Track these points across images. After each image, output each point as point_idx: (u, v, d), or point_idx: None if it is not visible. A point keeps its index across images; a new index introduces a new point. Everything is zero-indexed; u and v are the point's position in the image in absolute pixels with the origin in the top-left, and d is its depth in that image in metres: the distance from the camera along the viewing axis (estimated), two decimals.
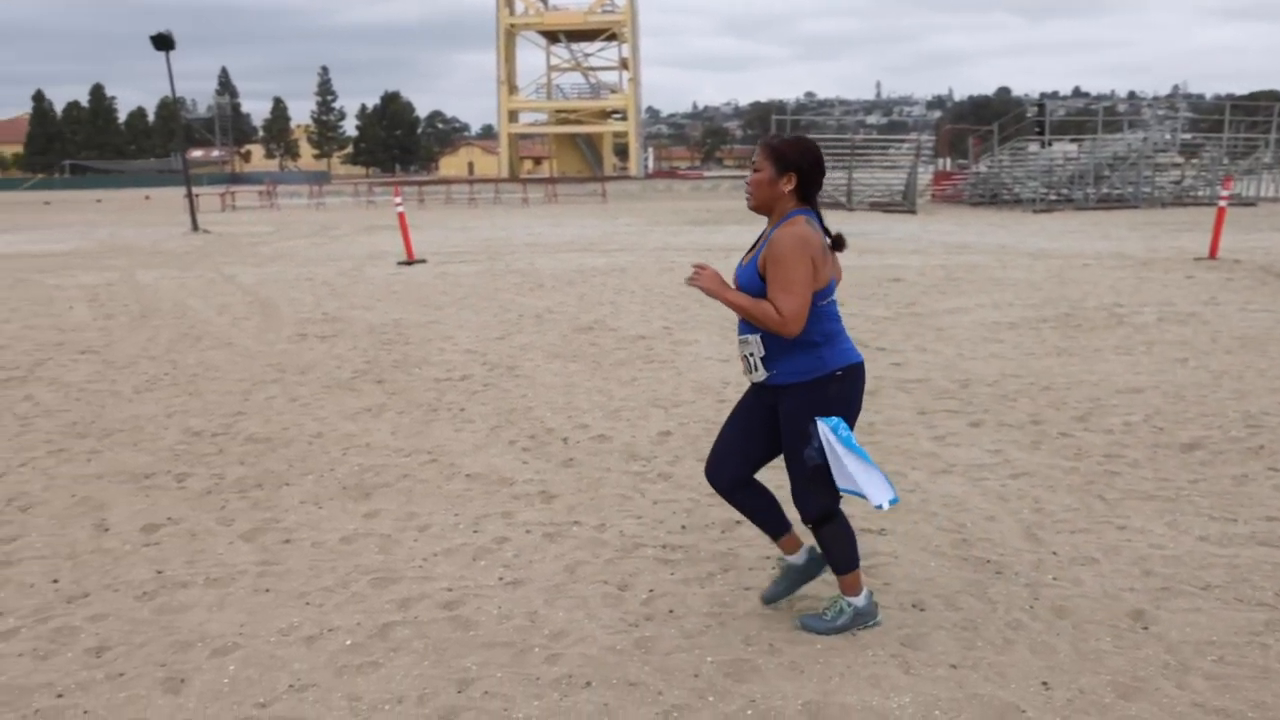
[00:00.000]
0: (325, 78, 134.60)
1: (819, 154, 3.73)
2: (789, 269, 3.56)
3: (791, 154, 3.68)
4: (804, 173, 3.68)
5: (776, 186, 3.70)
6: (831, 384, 3.75)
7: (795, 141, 3.73)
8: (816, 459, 3.78)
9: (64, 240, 27.48)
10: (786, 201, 3.72)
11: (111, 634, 4.09)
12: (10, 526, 5.32)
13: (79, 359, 9.92)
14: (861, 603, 3.98)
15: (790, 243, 3.58)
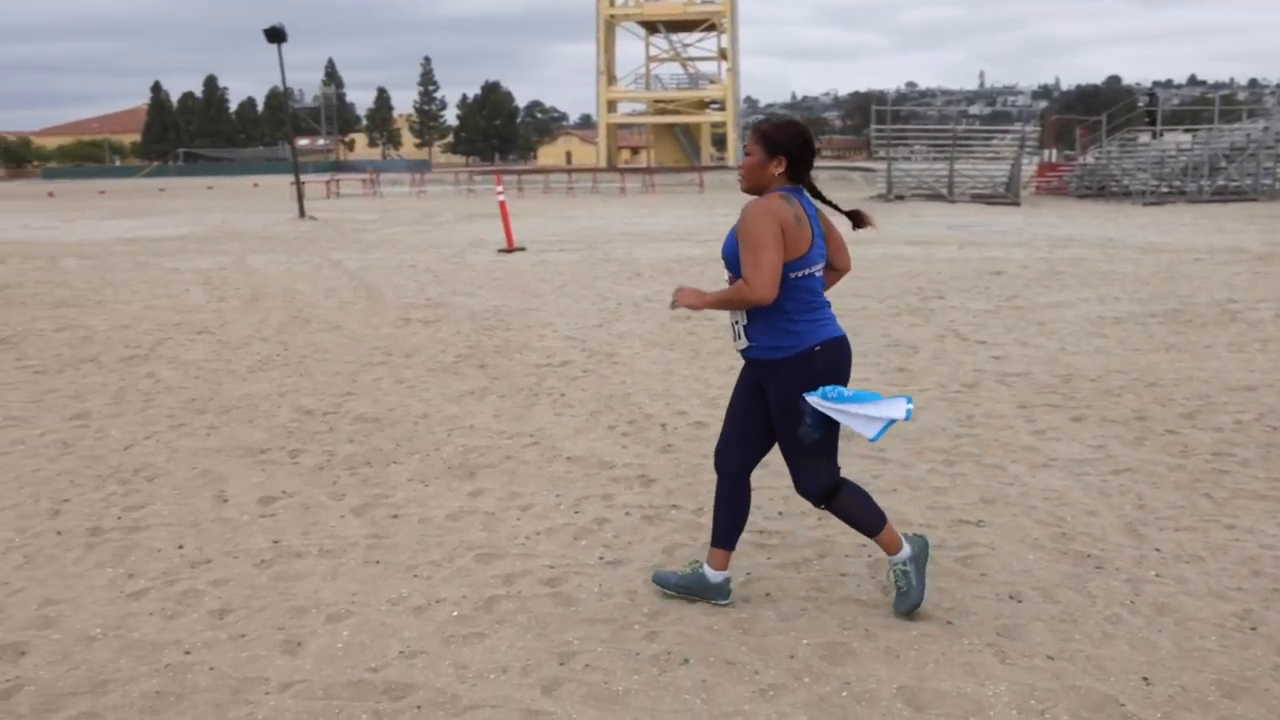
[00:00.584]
0: (427, 68, 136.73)
1: (808, 137, 3.81)
2: (754, 238, 3.65)
3: (781, 138, 3.76)
4: (793, 155, 3.76)
5: (767, 169, 3.78)
6: (815, 359, 3.80)
7: (784, 125, 3.82)
8: (813, 435, 3.84)
9: (179, 226, 28.46)
10: (777, 182, 3.80)
11: (233, 598, 4.30)
12: (138, 495, 5.61)
13: (196, 339, 10.33)
14: (904, 556, 3.99)
15: (753, 215, 3.67)
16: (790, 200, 3.75)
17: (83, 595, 4.38)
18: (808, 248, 3.75)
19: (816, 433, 3.84)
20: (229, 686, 3.60)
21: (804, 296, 3.79)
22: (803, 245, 3.73)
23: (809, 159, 3.80)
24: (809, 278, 3.80)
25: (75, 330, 11.11)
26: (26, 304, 13.35)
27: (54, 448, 6.60)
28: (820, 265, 3.86)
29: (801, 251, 3.74)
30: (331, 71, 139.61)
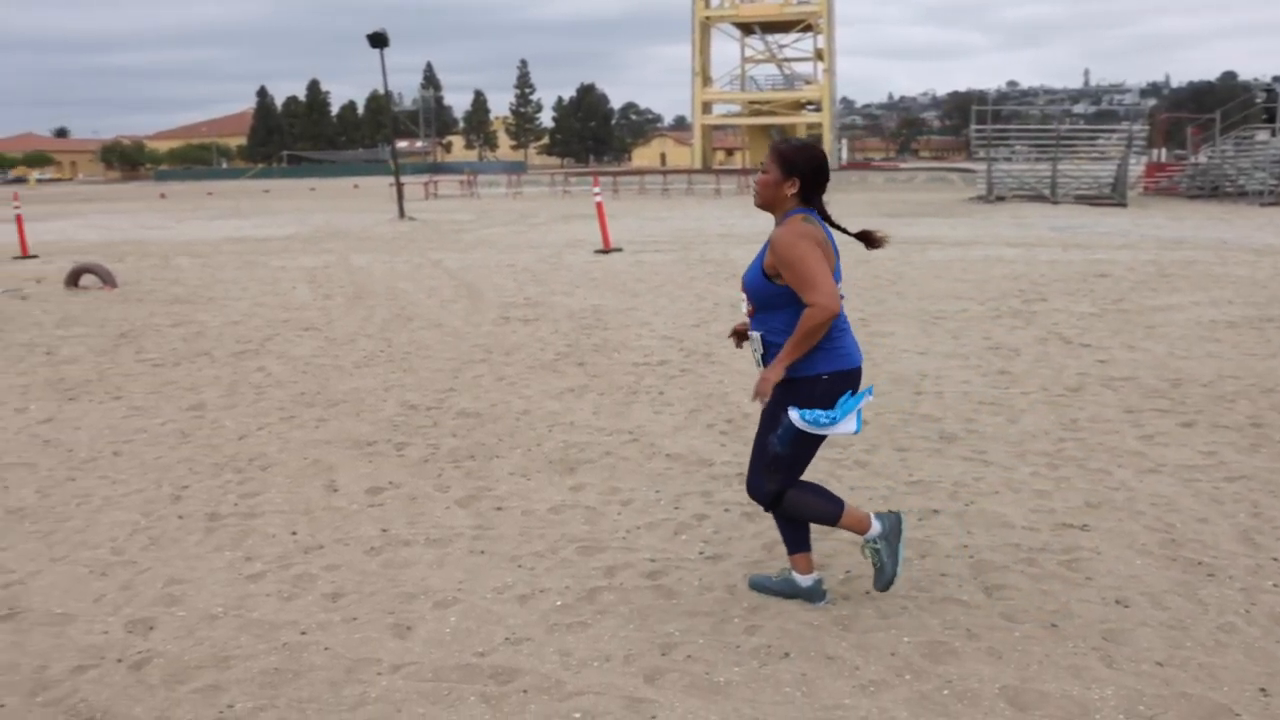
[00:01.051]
0: (524, 70, 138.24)
1: (822, 161, 3.90)
2: (800, 260, 3.70)
3: (797, 159, 3.85)
4: (806, 178, 3.85)
5: (781, 189, 3.87)
6: (817, 385, 3.82)
7: (801, 148, 3.90)
8: (777, 448, 3.92)
9: (284, 226, 29.24)
10: (788, 203, 3.88)
11: (345, 582, 4.45)
12: (253, 483, 5.82)
13: (303, 335, 10.63)
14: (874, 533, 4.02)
15: (791, 238, 3.73)
16: (813, 222, 3.83)
17: (204, 576, 4.57)
18: (831, 269, 3.81)
19: (782, 448, 3.91)
20: (343, 666, 3.73)
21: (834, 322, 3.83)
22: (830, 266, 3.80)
23: (822, 182, 3.89)
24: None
25: (189, 326, 11.52)
26: (144, 300, 13.87)
27: (173, 436, 6.88)
28: (841, 288, 3.89)
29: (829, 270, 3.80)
30: (430, 75, 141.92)
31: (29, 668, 3.80)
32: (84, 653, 3.90)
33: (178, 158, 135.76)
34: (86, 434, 7.07)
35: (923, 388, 7.67)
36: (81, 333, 11.32)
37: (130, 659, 3.84)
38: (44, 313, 12.96)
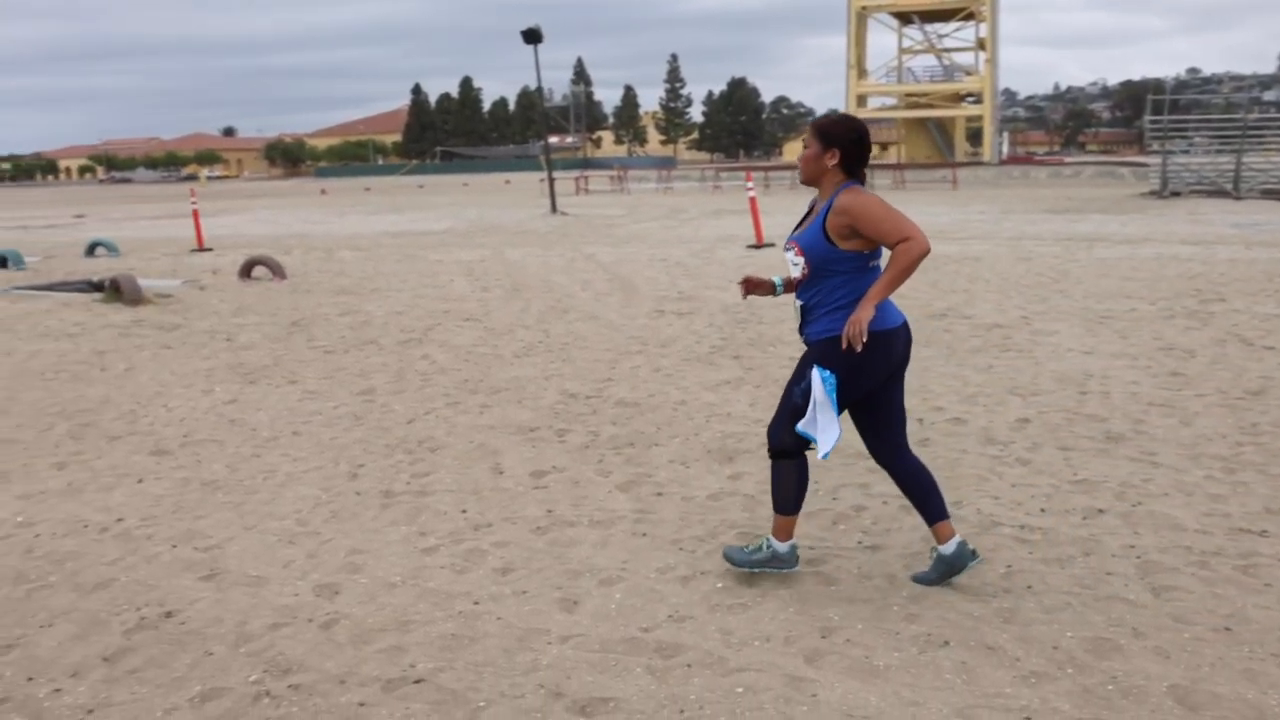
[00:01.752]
0: (674, 65, 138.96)
1: (861, 132, 4.00)
2: (881, 213, 3.84)
3: (835, 131, 3.97)
4: (845, 149, 3.95)
5: (821, 161, 3.99)
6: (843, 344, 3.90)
7: (839, 120, 4.03)
8: (798, 400, 4.06)
9: (440, 220, 30.16)
10: (833, 175, 3.99)
11: (513, 559, 4.65)
12: (423, 464, 6.11)
13: (464, 326, 11.01)
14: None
15: (864, 197, 3.87)
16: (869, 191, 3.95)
17: (382, 548, 4.84)
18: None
19: (803, 399, 4.05)
20: (515, 635, 3.92)
21: (865, 287, 3.95)
22: None
23: (862, 154, 3.99)
24: (876, 268, 4.01)
25: (356, 315, 12.05)
26: (312, 291, 14.55)
27: (347, 419, 7.25)
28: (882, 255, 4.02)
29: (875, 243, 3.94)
30: (580, 70, 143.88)
31: (232, 622, 4.11)
32: (278, 611, 4.20)
33: (336, 155, 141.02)
34: (267, 415, 7.50)
35: (1088, 387, 7.51)
36: (256, 321, 11.96)
37: (319, 619, 4.11)
38: (221, 302, 13.73)
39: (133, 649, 3.94)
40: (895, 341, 4.02)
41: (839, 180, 3.99)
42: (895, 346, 4.03)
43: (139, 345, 10.63)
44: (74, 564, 4.81)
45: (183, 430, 7.15)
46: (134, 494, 5.82)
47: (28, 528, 5.34)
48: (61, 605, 4.36)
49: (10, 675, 3.78)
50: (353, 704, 3.48)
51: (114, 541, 5.08)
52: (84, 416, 7.69)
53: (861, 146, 3.98)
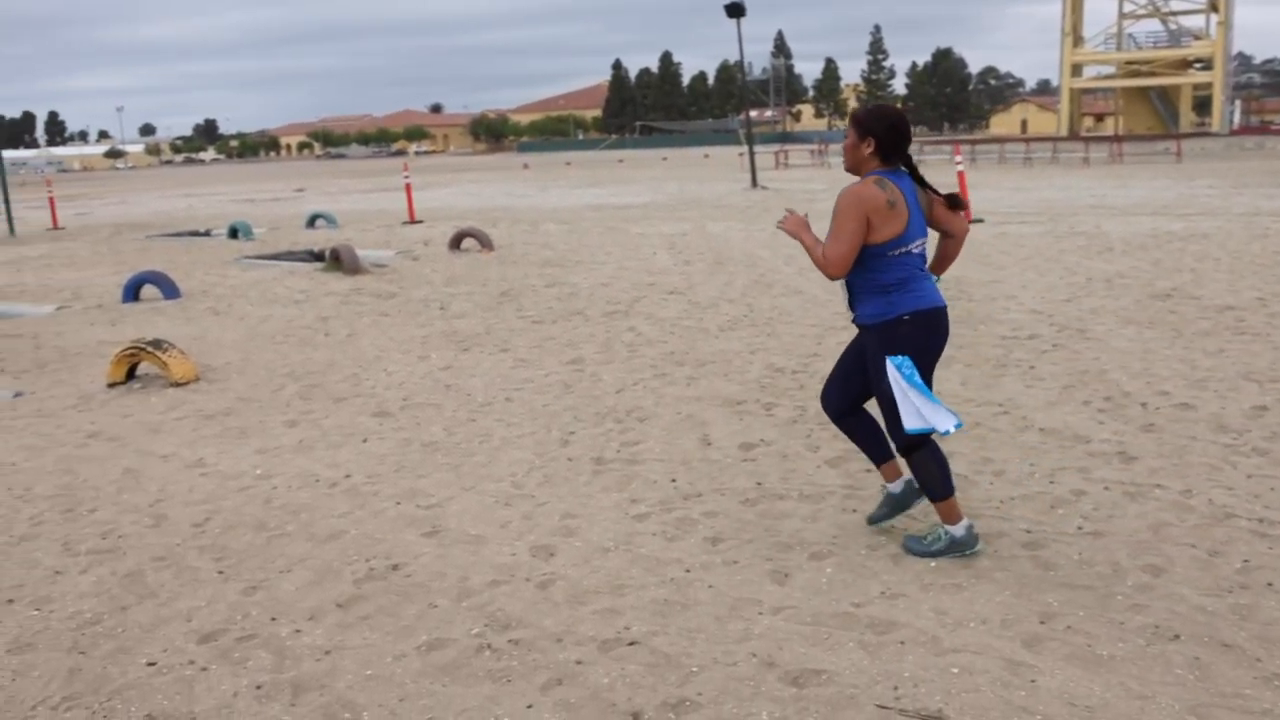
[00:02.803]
0: (877, 36, 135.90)
1: (897, 120, 4.12)
2: (838, 221, 4.02)
3: (870, 122, 4.11)
4: (880, 138, 4.08)
5: (859, 151, 4.14)
6: (900, 326, 4.10)
7: (875, 110, 4.16)
8: (889, 393, 4.16)
9: (640, 194, 30.46)
10: (869, 163, 4.13)
11: (723, 529, 4.69)
12: (632, 433, 6.22)
13: (668, 298, 11.11)
14: (960, 532, 4.27)
15: (845, 200, 4.02)
16: (885, 184, 4.04)
17: (595, 513, 4.96)
18: (903, 228, 4.05)
19: (893, 391, 4.15)
20: (726, 603, 3.96)
21: (901, 272, 4.10)
22: (898, 226, 4.03)
23: (898, 142, 4.10)
24: (907, 255, 4.10)
25: (562, 287, 12.33)
26: (518, 263, 14.97)
27: (557, 387, 7.45)
28: (920, 241, 4.13)
29: (898, 232, 4.04)
30: (780, 43, 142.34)
31: (454, 577, 4.31)
32: (497, 569, 4.36)
33: (538, 130, 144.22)
34: (481, 381, 7.78)
35: None
36: (467, 290, 12.39)
37: (537, 579, 4.25)
38: (433, 272, 14.29)
39: (363, 597, 4.17)
40: (931, 320, 4.16)
41: (873, 168, 4.14)
42: (931, 325, 4.17)
43: (359, 312, 11.19)
44: (307, 515, 5.13)
45: (402, 394, 7.49)
46: (359, 452, 6.14)
47: (265, 480, 5.72)
48: (298, 553, 4.66)
49: (256, 614, 4.07)
50: (570, 661, 3.59)
51: (343, 496, 5.38)
52: (311, 378, 8.16)
53: (896, 134, 4.09)
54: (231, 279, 14.59)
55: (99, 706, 3.46)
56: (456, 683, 3.49)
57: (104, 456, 6.34)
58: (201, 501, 5.42)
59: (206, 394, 7.79)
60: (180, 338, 9.98)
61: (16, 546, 4.95)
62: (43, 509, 5.46)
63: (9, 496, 5.70)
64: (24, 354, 9.86)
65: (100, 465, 6.16)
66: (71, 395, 8.03)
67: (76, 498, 5.61)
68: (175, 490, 5.62)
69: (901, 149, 4.13)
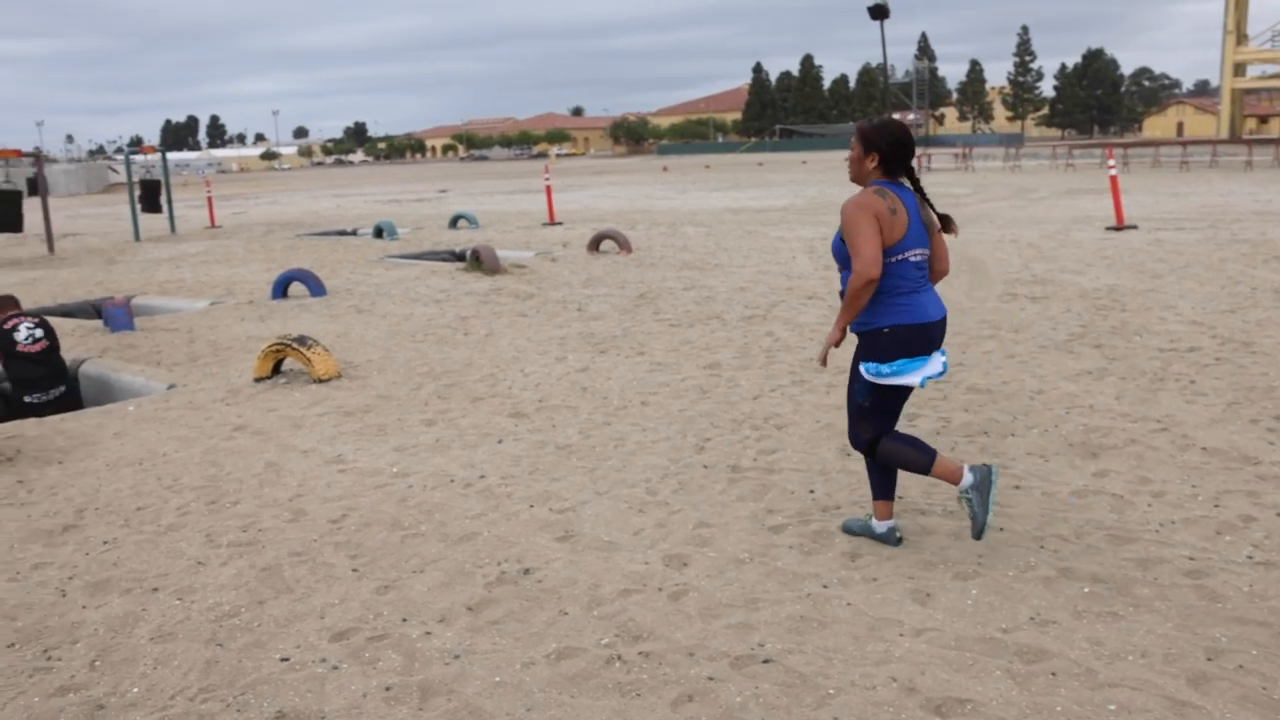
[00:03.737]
0: (1024, 37, 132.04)
1: (899, 134, 4.20)
2: (854, 228, 4.08)
3: (873, 136, 4.20)
4: (884, 152, 4.19)
5: (864, 164, 4.25)
6: (880, 337, 4.19)
7: (879, 125, 4.25)
8: (859, 399, 4.33)
9: (779, 197, 30.16)
10: (872, 175, 4.24)
11: (863, 544, 4.52)
12: (769, 440, 6.07)
13: (807, 303, 10.91)
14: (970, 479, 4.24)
15: (850, 209, 4.11)
16: (885, 193, 4.13)
17: (730, 522, 4.84)
18: (903, 235, 4.13)
19: (863, 399, 4.33)
20: (865, 622, 3.80)
21: (900, 282, 4.16)
22: (897, 233, 4.11)
23: (901, 155, 4.20)
24: (903, 263, 4.16)
25: (700, 290, 12.23)
26: (656, 265, 14.93)
27: (694, 392, 7.35)
28: (918, 251, 4.19)
29: (897, 238, 4.11)
30: (924, 45, 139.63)
31: (585, 584, 4.24)
32: (629, 578, 4.29)
33: (678, 133, 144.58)
34: (617, 384, 7.74)
35: None
36: (605, 292, 12.40)
37: (669, 589, 4.16)
38: (571, 273, 14.36)
39: (494, 601, 4.14)
40: (912, 336, 4.18)
41: (876, 179, 4.24)
42: (912, 341, 4.18)
43: (497, 312, 11.30)
44: (441, 515, 5.14)
45: (538, 395, 7.50)
46: (495, 453, 6.15)
47: (402, 478, 5.76)
48: (431, 553, 4.67)
49: (388, 614, 4.08)
50: (701, 677, 3.48)
51: (477, 497, 5.39)
52: (449, 377, 8.24)
53: (898, 148, 4.19)
54: (375, 277, 14.93)
55: (233, 700, 3.50)
56: (585, 694, 3.42)
57: (248, 450, 6.50)
58: (339, 498, 5.49)
59: (348, 391, 7.93)
60: (324, 334, 10.22)
61: (164, 536, 5.09)
62: (189, 500, 5.61)
63: (159, 486, 5.88)
64: (179, 347, 10.24)
65: (244, 458, 6.31)
66: (220, 389, 8.28)
67: (221, 490, 5.75)
68: (314, 485, 5.72)
69: (904, 162, 4.24)
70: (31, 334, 8.70)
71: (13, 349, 8.56)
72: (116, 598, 4.39)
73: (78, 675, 3.75)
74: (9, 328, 8.66)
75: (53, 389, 8.71)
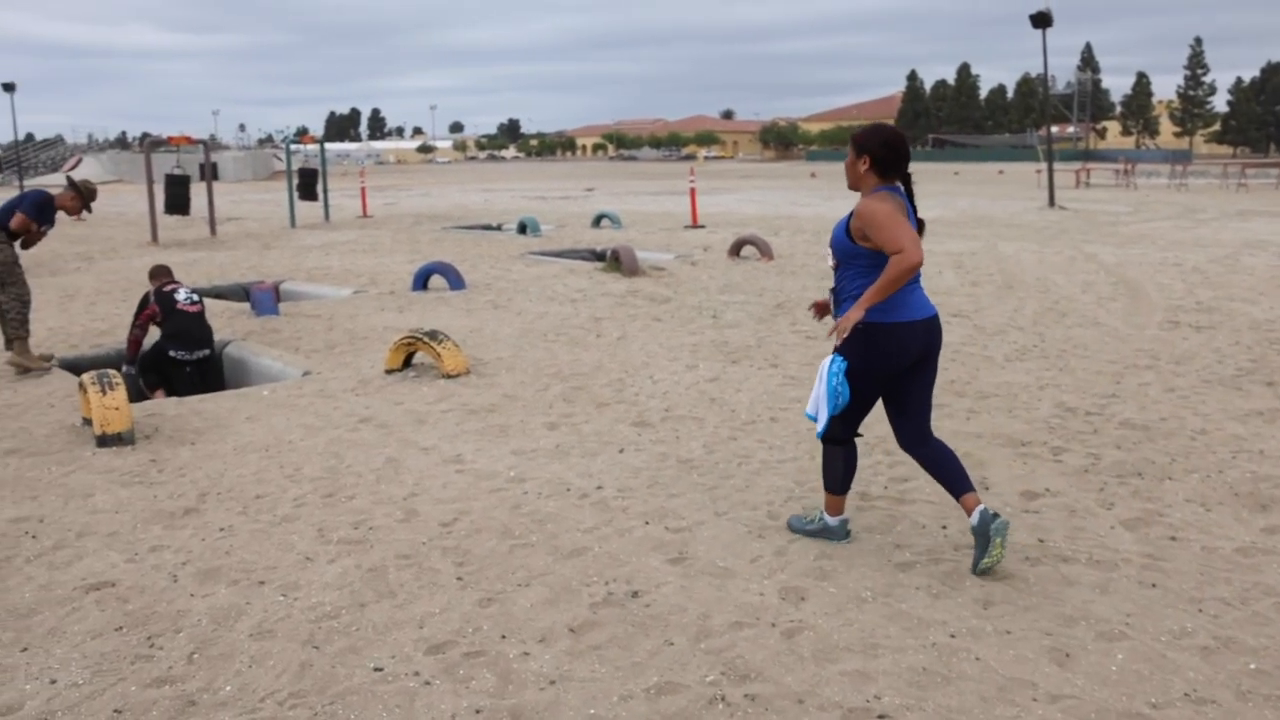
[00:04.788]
0: (1197, 50, 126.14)
1: (890, 138, 4.31)
2: (882, 221, 4.11)
3: (865, 141, 4.32)
4: (875, 156, 4.28)
5: (856, 168, 4.35)
6: (859, 334, 4.24)
7: (870, 130, 4.37)
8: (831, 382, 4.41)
9: (928, 209, 29.24)
10: (867, 180, 4.33)
11: (995, 589, 4.18)
12: (903, 469, 5.72)
13: (951, 321, 10.45)
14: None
15: (873, 204, 4.18)
16: (890, 196, 4.24)
17: (853, 555, 4.55)
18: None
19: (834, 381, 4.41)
20: (995, 682, 3.48)
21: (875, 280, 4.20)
22: None
23: (892, 159, 4.29)
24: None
25: None
26: (797, 273, 14.60)
27: None
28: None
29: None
30: (1088, 56, 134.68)
31: (694, 613, 4.02)
32: (741, 609, 4.04)
33: (827, 139, 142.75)
34: (747, 396, 7.48)
35: None
36: (742, 300, 12.14)
37: (783, 625, 3.90)
38: (710, 278, 14.13)
39: (598, 624, 3.95)
40: (908, 334, 4.30)
41: (874, 184, 4.32)
42: (908, 339, 4.30)
43: (632, 315, 11.15)
44: (553, 526, 4.98)
45: (665, 404, 7.30)
46: (614, 463, 5.97)
47: (518, 484, 5.63)
48: (538, 566, 4.50)
49: (487, 629, 3.92)
50: None
51: (591, 509, 5.21)
52: (577, 380, 8.11)
53: (890, 151, 4.28)
54: (515, 273, 14.98)
55: (321, 709, 3.39)
56: None
57: (370, 443, 6.47)
58: (453, 500, 5.38)
59: (475, 388, 7.87)
60: (458, 329, 10.24)
61: (278, 527, 5.06)
62: (306, 491, 5.59)
63: (280, 475, 5.88)
64: (317, 334, 10.39)
65: (365, 452, 6.28)
66: (352, 378, 8.33)
67: (338, 483, 5.71)
68: (429, 485, 5.63)
69: (897, 166, 4.32)
70: (190, 296, 9.34)
71: (173, 306, 9.13)
72: (224, 588, 4.36)
73: (175, 667, 3.70)
74: (169, 290, 9.28)
75: (198, 350, 9.14)
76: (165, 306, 9.10)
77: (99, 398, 6.63)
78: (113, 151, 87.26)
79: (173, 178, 23.36)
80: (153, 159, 24.28)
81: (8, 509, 5.46)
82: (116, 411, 6.62)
